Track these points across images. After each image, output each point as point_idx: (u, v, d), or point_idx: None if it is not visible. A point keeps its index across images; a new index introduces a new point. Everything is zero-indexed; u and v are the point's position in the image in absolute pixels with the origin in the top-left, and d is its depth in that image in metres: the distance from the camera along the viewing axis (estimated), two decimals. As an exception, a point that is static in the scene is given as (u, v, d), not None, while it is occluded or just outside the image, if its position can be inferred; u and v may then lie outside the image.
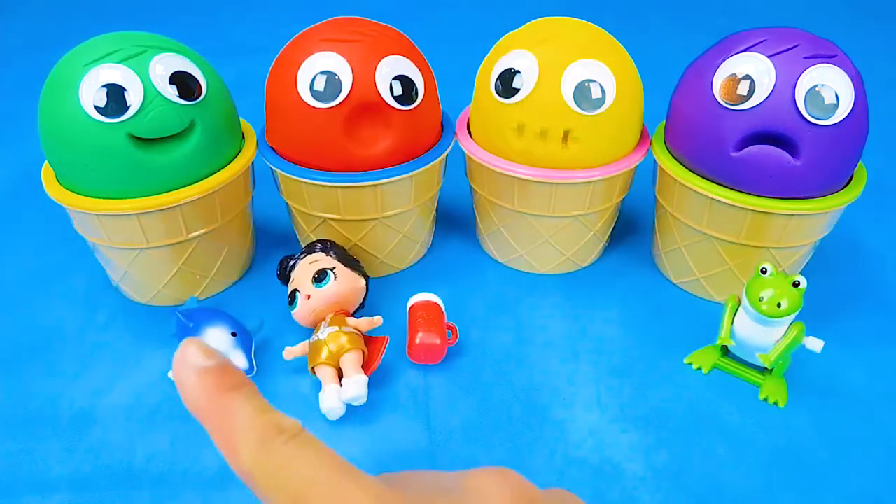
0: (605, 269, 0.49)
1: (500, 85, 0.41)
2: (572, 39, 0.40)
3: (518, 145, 0.42)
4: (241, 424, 0.16)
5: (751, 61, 0.37)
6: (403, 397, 0.38)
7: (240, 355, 0.37)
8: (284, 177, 0.43)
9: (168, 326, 0.40)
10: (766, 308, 0.35)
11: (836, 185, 0.40)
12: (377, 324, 0.39)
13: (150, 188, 0.38)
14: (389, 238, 0.46)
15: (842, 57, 0.37)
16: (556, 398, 0.38)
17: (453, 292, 0.45)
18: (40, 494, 0.33)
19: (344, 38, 0.40)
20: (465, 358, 0.41)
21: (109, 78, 0.36)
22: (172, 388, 0.38)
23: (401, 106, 0.40)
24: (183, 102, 0.38)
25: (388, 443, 0.36)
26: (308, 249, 0.42)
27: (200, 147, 0.39)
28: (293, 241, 0.50)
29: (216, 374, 0.16)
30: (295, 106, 0.40)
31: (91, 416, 0.37)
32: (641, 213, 0.54)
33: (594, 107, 0.40)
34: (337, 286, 0.39)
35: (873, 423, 0.37)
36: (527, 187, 0.43)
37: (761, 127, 0.37)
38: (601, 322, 0.44)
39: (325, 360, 0.37)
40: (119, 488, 0.33)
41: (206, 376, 0.16)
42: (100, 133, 0.36)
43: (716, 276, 0.44)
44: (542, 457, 0.35)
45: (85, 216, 0.39)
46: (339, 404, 0.35)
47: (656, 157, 0.44)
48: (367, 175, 0.41)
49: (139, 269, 0.42)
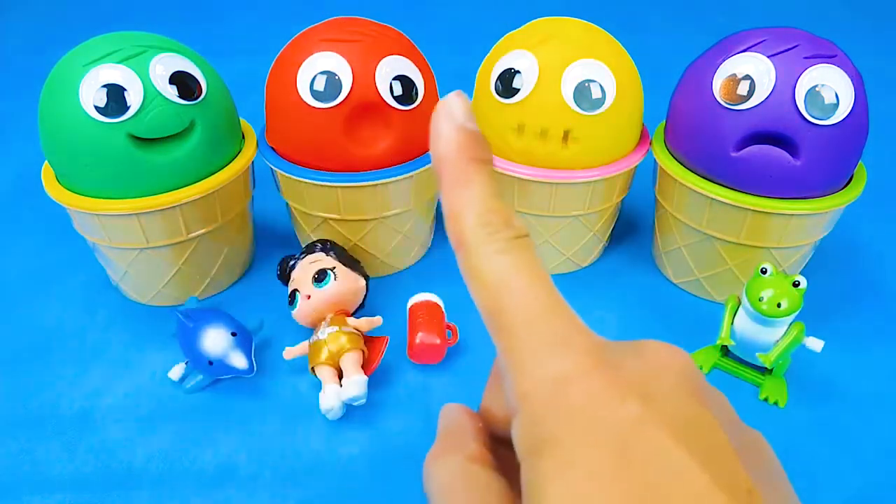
0: (605, 269, 0.49)
1: (500, 85, 0.41)
2: (572, 39, 0.40)
3: (518, 145, 0.42)
4: (475, 196, 0.15)
5: (751, 61, 0.37)
6: (403, 397, 0.38)
7: (240, 355, 0.37)
8: (284, 177, 0.43)
9: (168, 326, 0.40)
10: (766, 308, 0.35)
11: (836, 185, 0.40)
12: (377, 324, 0.39)
13: (150, 188, 0.38)
14: (389, 238, 0.46)
15: (842, 57, 0.37)
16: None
17: (453, 292, 0.45)
18: (40, 494, 0.33)
19: (344, 38, 0.40)
20: (465, 358, 0.41)
21: (109, 78, 0.36)
22: (172, 388, 0.38)
23: (401, 106, 0.40)
24: (183, 102, 0.38)
25: (388, 443, 0.36)
26: (308, 249, 0.42)
27: (200, 147, 0.39)
28: (293, 241, 0.50)
29: (472, 138, 0.15)
30: (295, 106, 0.40)
31: (91, 416, 0.37)
32: (641, 213, 0.54)
33: (594, 107, 0.40)
34: (337, 286, 0.39)
35: (873, 423, 0.37)
36: (527, 187, 0.43)
37: (761, 127, 0.37)
38: (601, 322, 0.44)
39: (325, 360, 0.37)
40: (119, 488, 0.33)
41: (463, 135, 0.15)
42: (100, 133, 0.36)
43: (716, 276, 0.44)
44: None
45: (85, 216, 0.39)
46: (339, 404, 0.35)
47: (656, 157, 0.44)
48: (368, 175, 0.41)
49: (139, 269, 0.42)
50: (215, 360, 0.37)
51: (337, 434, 0.36)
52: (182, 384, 0.38)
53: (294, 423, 0.37)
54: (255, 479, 0.34)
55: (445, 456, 0.17)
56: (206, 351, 0.37)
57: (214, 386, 0.39)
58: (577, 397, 0.13)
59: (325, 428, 0.36)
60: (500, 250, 0.14)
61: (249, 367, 0.37)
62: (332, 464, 0.34)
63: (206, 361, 0.37)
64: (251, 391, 0.38)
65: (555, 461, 0.13)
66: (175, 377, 0.38)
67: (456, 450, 0.17)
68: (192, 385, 0.38)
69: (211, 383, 0.39)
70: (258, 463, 0.34)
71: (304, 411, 0.37)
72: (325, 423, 0.36)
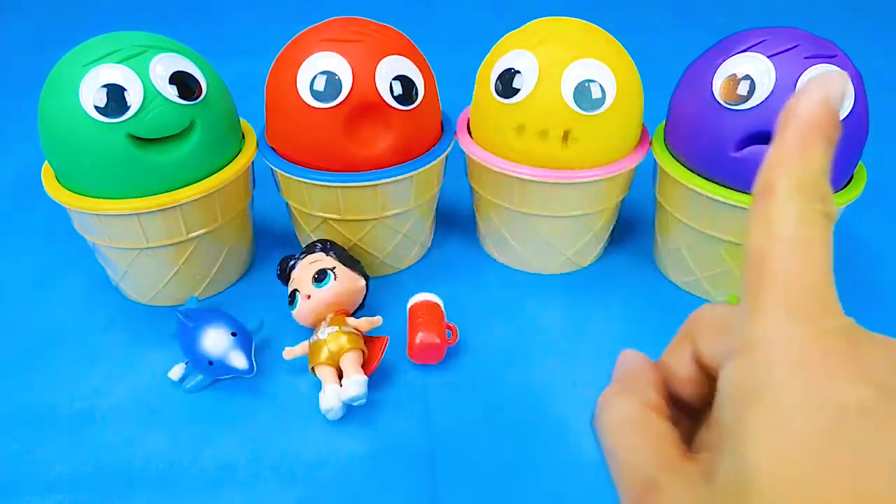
0: (605, 269, 0.49)
1: (500, 85, 0.41)
2: (572, 39, 0.40)
3: (518, 145, 0.42)
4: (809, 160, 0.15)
5: (751, 61, 0.37)
6: (403, 397, 0.38)
7: (240, 355, 0.37)
8: (284, 177, 0.43)
9: (168, 326, 0.40)
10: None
11: (836, 185, 0.40)
12: (377, 324, 0.39)
13: (150, 188, 0.38)
14: (389, 238, 0.46)
15: (842, 57, 0.37)
16: (555, 398, 0.38)
17: (453, 292, 0.45)
18: (40, 494, 0.33)
19: (344, 38, 0.40)
20: (465, 358, 0.41)
21: (109, 78, 0.36)
22: (172, 388, 0.38)
23: (401, 106, 0.40)
24: (183, 102, 0.38)
25: (388, 443, 0.36)
26: (308, 249, 0.42)
27: (200, 147, 0.39)
28: (293, 241, 0.50)
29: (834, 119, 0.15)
30: (295, 106, 0.40)
31: (91, 416, 0.37)
32: (641, 213, 0.54)
33: (594, 107, 0.40)
34: (337, 286, 0.39)
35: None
36: (527, 187, 0.43)
37: (761, 127, 0.37)
38: (601, 322, 0.44)
39: (325, 360, 0.37)
40: (119, 488, 0.33)
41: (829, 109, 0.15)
42: (100, 133, 0.36)
43: (716, 276, 0.44)
44: (542, 457, 0.35)
45: (85, 216, 0.39)
46: (339, 404, 0.35)
47: (656, 157, 0.44)
48: (368, 175, 0.41)
49: (139, 269, 0.42)
50: (215, 360, 0.37)
51: (337, 434, 0.36)
52: (182, 384, 0.38)
53: (294, 423, 0.37)
54: (255, 479, 0.34)
55: (623, 397, 0.17)
56: (206, 351, 0.37)
57: (214, 386, 0.39)
58: (813, 361, 0.13)
59: (325, 428, 0.36)
60: (805, 215, 0.14)
61: (249, 367, 0.37)
62: (332, 464, 0.34)
63: (206, 361, 0.37)
64: (251, 391, 0.38)
65: (768, 414, 0.12)
66: (175, 377, 0.38)
67: (634, 394, 0.16)
68: (192, 385, 0.38)
69: (211, 383, 0.39)
70: (258, 463, 0.34)
71: (304, 411, 0.37)
72: (325, 423, 0.36)
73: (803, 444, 0.12)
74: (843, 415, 0.12)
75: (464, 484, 0.34)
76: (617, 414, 0.16)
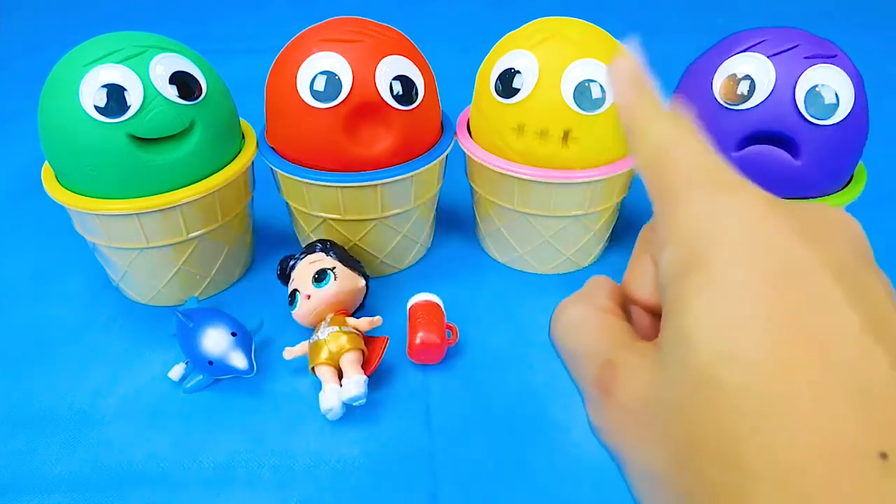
0: (605, 269, 0.49)
1: (500, 85, 0.41)
2: (572, 39, 0.40)
3: (518, 145, 0.42)
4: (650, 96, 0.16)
5: (751, 61, 0.37)
6: (403, 397, 0.38)
7: (240, 355, 0.37)
8: (284, 177, 0.43)
9: (168, 326, 0.40)
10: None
11: (837, 185, 0.40)
12: (377, 324, 0.39)
13: (150, 188, 0.38)
14: (389, 238, 0.46)
15: (842, 57, 0.37)
16: (556, 398, 0.38)
17: (453, 292, 0.45)
18: (40, 494, 0.33)
19: (344, 38, 0.40)
20: (465, 358, 0.41)
21: (109, 78, 0.36)
22: (172, 388, 0.38)
23: (401, 106, 0.40)
24: (183, 102, 0.38)
25: (388, 443, 0.36)
26: (308, 249, 0.42)
27: (200, 147, 0.39)
28: (293, 241, 0.50)
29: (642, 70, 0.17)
30: (295, 106, 0.40)
31: (91, 416, 0.37)
32: (641, 213, 0.54)
33: (594, 107, 0.40)
34: (337, 286, 0.39)
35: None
36: (527, 187, 0.43)
37: (761, 127, 0.37)
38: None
39: (325, 360, 0.37)
40: (119, 488, 0.33)
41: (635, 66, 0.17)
42: (100, 133, 0.36)
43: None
44: (542, 457, 0.35)
45: (85, 216, 0.39)
46: (339, 404, 0.35)
47: (656, 157, 0.44)
48: (368, 175, 0.41)
49: (139, 269, 0.42)
50: (215, 360, 0.37)
51: (337, 434, 0.36)
52: (182, 384, 0.38)
53: (294, 423, 0.37)
54: (255, 479, 0.34)
55: (576, 302, 0.17)
56: (206, 351, 0.37)
57: (214, 386, 0.39)
58: (736, 225, 0.13)
59: (325, 428, 0.36)
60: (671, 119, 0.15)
61: (249, 367, 0.37)
62: (332, 464, 0.34)
63: (206, 361, 0.37)
64: (251, 391, 0.38)
65: (702, 278, 0.13)
66: (175, 377, 0.38)
67: (588, 301, 0.17)
68: (192, 385, 0.38)
69: (211, 383, 0.39)
70: (258, 463, 0.34)
71: (304, 411, 0.37)
72: (325, 423, 0.36)
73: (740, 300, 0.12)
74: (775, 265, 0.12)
75: (464, 484, 0.34)
76: (569, 316, 0.17)
